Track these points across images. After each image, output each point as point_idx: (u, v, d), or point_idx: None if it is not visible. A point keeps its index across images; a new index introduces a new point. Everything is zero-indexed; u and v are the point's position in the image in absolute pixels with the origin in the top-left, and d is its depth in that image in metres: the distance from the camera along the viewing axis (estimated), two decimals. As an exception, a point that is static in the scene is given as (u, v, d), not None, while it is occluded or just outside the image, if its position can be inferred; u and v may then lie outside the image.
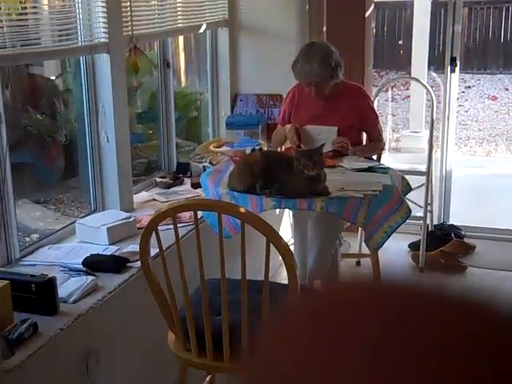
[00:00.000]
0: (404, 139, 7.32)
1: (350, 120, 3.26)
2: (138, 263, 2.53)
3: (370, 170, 2.95)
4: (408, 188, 2.96)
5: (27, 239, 3.58)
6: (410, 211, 2.78)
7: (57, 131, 3.94)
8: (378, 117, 3.42)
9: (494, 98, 10.26)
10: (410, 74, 7.77)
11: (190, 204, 2.13)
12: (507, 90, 10.91)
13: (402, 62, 11.54)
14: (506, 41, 12.14)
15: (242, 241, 2.01)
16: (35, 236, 3.68)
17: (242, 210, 2.01)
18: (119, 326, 2.42)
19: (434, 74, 5.83)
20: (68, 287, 2.31)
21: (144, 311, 2.49)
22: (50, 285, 2.14)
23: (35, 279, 2.14)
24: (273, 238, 1.95)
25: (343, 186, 2.69)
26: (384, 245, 2.76)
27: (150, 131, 4.41)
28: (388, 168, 3.01)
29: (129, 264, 2.55)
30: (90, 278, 2.38)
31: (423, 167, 4.40)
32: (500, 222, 4.71)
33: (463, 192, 5.10)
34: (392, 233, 2.73)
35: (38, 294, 2.13)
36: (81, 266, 2.48)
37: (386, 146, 4.82)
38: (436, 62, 10.13)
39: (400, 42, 12.03)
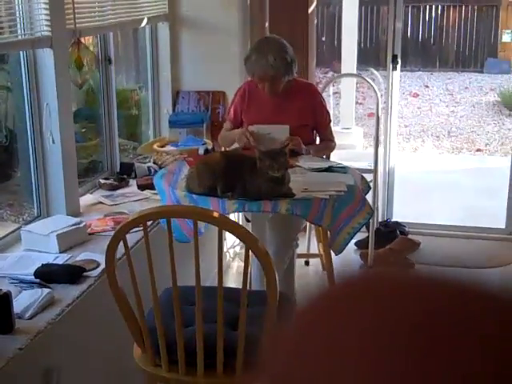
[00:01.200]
0: (336, 135, 7.34)
1: (304, 118, 3.19)
2: (95, 272, 2.38)
3: (329, 169, 2.89)
4: (367, 187, 2.92)
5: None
6: (373, 211, 2.74)
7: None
8: (329, 115, 3.37)
9: (416, 95, 10.51)
10: (339, 72, 7.82)
11: (162, 211, 1.99)
12: (427, 86, 11.21)
13: (326, 59, 11.67)
14: (423, 39, 12.48)
15: (220, 248, 1.90)
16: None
17: (217, 215, 1.90)
18: (80, 340, 2.26)
19: (375, 72, 5.86)
20: (22, 301, 2.12)
21: (105, 324, 2.33)
22: (4, 301, 1.96)
23: (-12, 295, 1.95)
24: (251, 243, 1.85)
25: (306, 187, 2.62)
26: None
27: (83, 129, 4.21)
28: (347, 167, 2.96)
29: (85, 273, 2.38)
30: (46, 290, 2.20)
31: (364, 164, 4.41)
32: (438, 217, 4.79)
33: (399, 189, 5.15)
34: (355, 234, 2.69)
35: (-7, 311, 1.94)
36: (33, 278, 2.30)
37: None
38: (363, 59, 10.29)
39: (323, 39, 12.14)
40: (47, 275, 2.32)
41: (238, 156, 2.69)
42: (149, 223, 2.14)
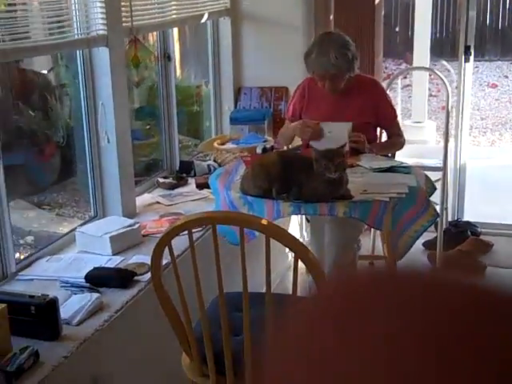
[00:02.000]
0: (407, 130, 7.10)
1: (366, 116, 3.05)
2: (146, 276, 2.33)
3: (391, 169, 2.74)
4: (433, 188, 2.76)
5: (21, 241, 3.37)
6: (438, 214, 2.58)
7: (50, 128, 3.72)
8: (395, 111, 3.21)
9: (495, 86, 10.08)
10: (411, 65, 7.56)
11: (207, 217, 1.91)
12: (507, 77, 10.73)
13: (400, 50, 11.35)
14: (503, 26, 11.94)
15: (267, 255, 1.80)
16: (30, 238, 3.47)
17: (265, 221, 1.80)
18: (128, 348, 2.21)
19: (445, 63, 5.62)
20: (71, 307, 2.10)
21: (155, 331, 2.28)
22: (51, 307, 1.93)
23: (35, 301, 1.93)
24: (302, 253, 1.75)
25: (366, 189, 2.49)
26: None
27: (148, 127, 4.19)
28: (411, 167, 2.80)
29: (136, 277, 2.33)
30: (95, 295, 2.17)
31: (434, 161, 4.20)
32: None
33: (473, 186, 4.90)
34: (418, 238, 2.54)
35: (39, 318, 1.92)
36: (84, 282, 2.27)
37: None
38: (437, 48, 9.96)
39: (396, 30, 11.82)
40: (98, 279, 2.28)
41: (294, 157, 2.58)
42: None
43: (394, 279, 0.41)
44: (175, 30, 4.28)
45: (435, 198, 3.48)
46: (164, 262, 2.04)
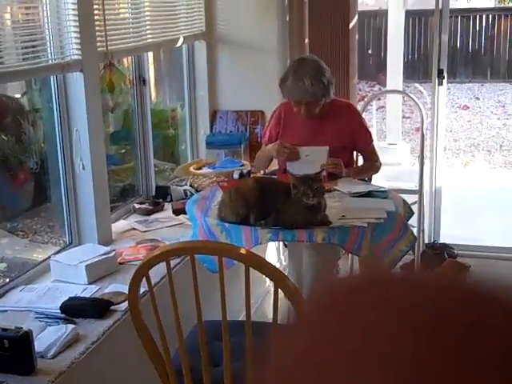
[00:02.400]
0: (381, 151, 7.14)
1: (342, 140, 3.05)
2: (123, 306, 2.28)
3: (369, 194, 2.74)
4: (410, 213, 2.76)
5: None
6: (416, 238, 2.58)
7: (23, 154, 3.66)
8: (371, 135, 3.22)
9: (466, 108, 10.22)
10: (385, 86, 7.64)
11: (185, 247, 1.88)
12: (478, 98, 10.89)
13: (373, 71, 11.48)
14: (473, 49, 12.15)
15: (246, 284, 1.78)
16: (3, 265, 3.40)
17: (244, 251, 1.78)
18: (105, 381, 2.16)
19: (419, 86, 5.68)
20: (45, 339, 2.04)
21: (132, 362, 2.23)
22: (25, 340, 1.87)
23: (8, 334, 1.87)
24: (281, 282, 1.73)
25: (344, 214, 2.48)
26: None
27: (123, 151, 4.15)
28: (388, 191, 2.80)
29: (112, 307, 2.29)
30: (70, 326, 2.12)
31: (409, 185, 4.22)
32: (490, 238, 4.56)
33: (448, 207, 4.93)
34: (397, 262, 2.53)
35: (12, 351, 1.86)
36: (59, 312, 2.22)
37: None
38: (410, 71, 10.08)
39: (369, 52, 11.96)
40: (73, 309, 2.23)
41: (272, 182, 2.57)
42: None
43: (382, 282, 0.41)
44: (150, 53, 4.28)
45: (412, 220, 3.48)
46: (142, 289, 2.01)
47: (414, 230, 3.86)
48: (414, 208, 3.80)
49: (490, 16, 12.03)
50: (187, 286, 1.89)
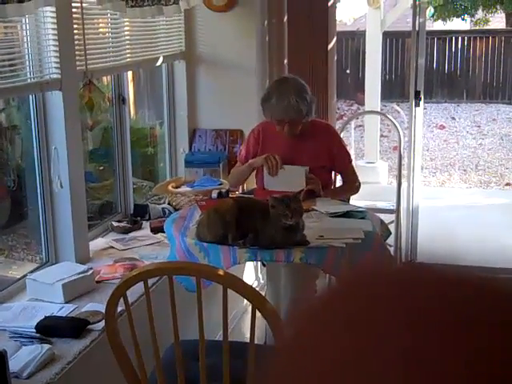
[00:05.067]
0: (360, 170, 7.21)
1: (321, 160, 3.08)
2: (100, 325, 2.27)
3: (347, 214, 2.76)
4: (388, 232, 2.79)
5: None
6: (393, 258, 2.60)
7: (1, 170, 3.64)
8: (350, 155, 3.25)
9: (443, 127, 10.35)
10: (363, 105, 7.72)
11: (163, 268, 1.89)
12: (454, 118, 11.04)
13: (351, 91, 11.59)
14: (449, 70, 12.33)
15: (224, 305, 1.78)
16: (-24, 284, 3.36)
17: (221, 272, 1.78)
18: (80, 401, 2.14)
19: (397, 107, 5.75)
20: (20, 359, 2.02)
21: (109, 381, 2.22)
22: (0, 360, 1.85)
23: (-17, 354, 1.85)
24: (259, 304, 1.73)
25: (322, 234, 2.49)
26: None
27: (101, 168, 4.14)
28: (366, 211, 2.82)
29: (89, 326, 2.27)
30: (46, 346, 2.10)
31: (387, 203, 4.27)
32: (466, 257, 4.61)
33: (425, 225, 4.98)
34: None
35: (-13, 372, 1.84)
36: (34, 332, 2.20)
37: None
38: (385, 91, 10.19)
39: (348, 71, 12.08)
40: (49, 329, 2.22)
41: (251, 202, 2.58)
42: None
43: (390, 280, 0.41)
44: (129, 72, 4.28)
45: (390, 239, 3.52)
46: (119, 308, 2.00)
47: (392, 249, 3.89)
48: (392, 227, 3.84)
49: (466, 38, 12.23)
50: (165, 304, 1.89)
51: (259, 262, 3.65)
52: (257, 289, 3.94)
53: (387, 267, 0.43)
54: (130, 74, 4.42)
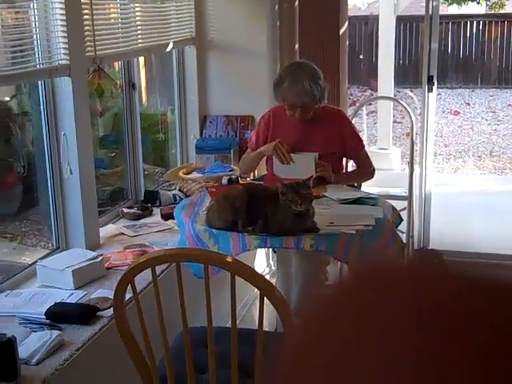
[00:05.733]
0: (373, 156, 7.15)
1: (332, 146, 3.05)
2: (109, 312, 2.27)
3: (358, 201, 2.73)
4: (399, 219, 2.76)
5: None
6: (404, 245, 2.58)
7: (12, 157, 3.64)
8: (362, 141, 3.22)
9: (457, 113, 10.25)
10: (376, 91, 7.66)
11: (171, 254, 1.88)
12: (468, 104, 10.93)
13: (364, 76, 11.50)
14: (464, 55, 12.20)
15: (232, 292, 1.77)
16: (-11, 268, 3.38)
17: (230, 259, 1.77)
18: (89, 387, 2.15)
19: (410, 93, 5.69)
20: (30, 345, 2.03)
21: (118, 369, 2.22)
22: (9, 347, 1.86)
23: (-8, 340, 1.86)
24: (267, 291, 1.72)
25: (332, 221, 2.47)
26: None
27: (113, 154, 4.14)
28: (377, 198, 2.80)
29: (99, 313, 2.27)
30: (55, 332, 2.10)
31: (400, 190, 4.23)
32: (479, 244, 4.58)
33: (438, 212, 4.94)
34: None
35: (-4, 358, 1.84)
36: (44, 318, 2.20)
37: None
38: (399, 77, 10.10)
39: (361, 57, 11.99)
40: (59, 315, 2.22)
41: (260, 189, 2.56)
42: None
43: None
44: (141, 58, 4.26)
45: (402, 226, 3.49)
46: (128, 296, 2.00)
47: (404, 236, 3.86)
48: (404, 214, 3.81)
49: (481, 22, 12.08)
50: (174, 291, 1.88)
51: (270, 249, 3.64)
52: (268, 275, 3.95)
53: (397, 260, 0.42)
54: (141, 60, 4.41)
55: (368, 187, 3.83)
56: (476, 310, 0.36)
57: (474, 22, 12.07)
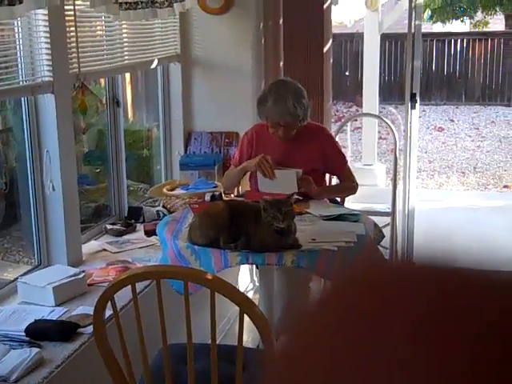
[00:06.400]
0: (357, 172, 7.19)
1: (314, 163, 3.06)
2: (90, 329, 2.26)
3: (340, 217, 2.75)
4: (381, 236, 2.77)
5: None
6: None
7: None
8: (345, 157, 3.24)
9: (441, 129, 10.34)
10: (361, 107, 7.71)
11: (151, 271, 1.88)
12: (452, 121, 11.03)
13: (350, 93, 11.59)
14: (448, 72, 12.33)
15: (212, 309, 1.77)
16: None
17: (210, 276, 1.77)
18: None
19: (393, 110, 5.74)
20: (9, 363, 2.01)
21: (97, 386, 2.21)
22: (-13, 364, 1.85)
23: (-30, 358, 1.85)
24: (247, 308, 1.72)
25: (314, 237, 2.49)
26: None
27: (97, 170, 4.14)
28: (359, 214, 2.81)
29: (79, 329, 2.27)
30: (35, 350, 2.09)
31: (384, 206, 4.26)
32: (463, 259, 4.59)
33: (421, 228, 4.97)
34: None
35: (-26, 376, 1.83)
36: (23, 335, 2.19)
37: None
38: (385, 93, 10.20)
39: (347, 74, 12.08)
40: (38, 332, 2.21)
41: (242, 205, 2.57)
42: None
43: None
44: (127, 74, 4.27)
45: (385, 241, 3.51)
46: (109, 313, 1.99)
47: (387, 252, 3.88)
48: (387, 229, 3.83)
49: (465, 40, 12.23)
50: (155, 307, 1.88)
51: (254, 265, 3.64)
52: (252, 291, 3.95)
53: (379, 267, 0.43)
54: (127, 76, 4.43)
55: (352, 203, 3.86)
56: (468, 309, 0.36)
57: (459, 40, 12.22)
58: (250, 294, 3.96)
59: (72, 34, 2.82)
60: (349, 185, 3.19)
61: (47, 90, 2.65)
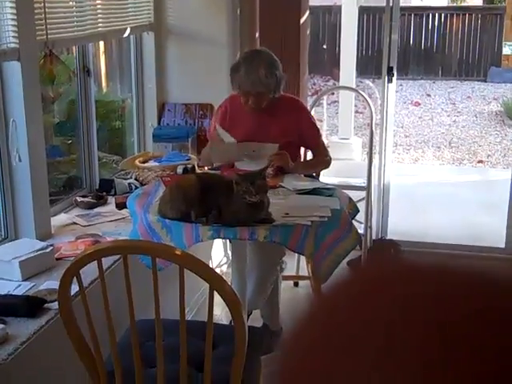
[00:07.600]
0: (333, 146, 7.16)
1: (289, 135, 3.01)
2: (57, 304, 2.20)
3: (314, 191, 2.71)
4: (356, 211, 2.74)
5: None
6: (360, 238, 2.56)
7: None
8: (319, 131, 3.19)
9: (418, 104, 10.33)
10: (338, 81, 7.65)
11: (117, 246, 1.82)
12: (429, 95, 11.03)
13: (327, 66, 11.51)
14: (426, 47, 12.29)
15: (181, 285, 1.73)
16: None
17: (179, 252, 1.72)
18: (35, 382, 2.08)
19: (370, 83, 5.70)
20: (-28, 339, 1.95)
21: (64, 364, 2.16)
22: (-52, 341, 1.79)
23: None
24: (216, 284, 1.68)
25: (288, 212, 2.44)
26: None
27: (69, 142, 4.04)
28: (334, 189, 2.77)
29: (46, 305, 2.21)
30: (-1, 325, 2.03)
31: (360, 180, 4.23)
32: (436, 234, 4.61)
33: (396, 203, 4.96)
34: (340, 261, 2.51)
35: None
36: (-12, 311, 2.13)
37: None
38: (362, 67, 10.13)
39: (324, 47, 11.98)
40: (3, 308, 2.15)
41: (214, 179, 2.51)
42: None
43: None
44: (101, 43, 4.16)
45: (360, 216, 3.48)
46: (76, 289, 1.94)
47: (362, 226, 3.87)
48: (362, 204, 3.81)
49: (443, 15, 12.19)
50: (134, 280, 1.83)
51: (227, 240, 3.60)
52: (225, 265, 3.92)
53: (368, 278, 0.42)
54: (102, 46, 4.31)
55: (328, 177, 3.82)
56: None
57: (436, 14, 12.17)
58: (224, 268, 3.93)
59: (39, -1, 2.72)
60: (322, 159, 3.15)
61: (13, 57, 2.56)
